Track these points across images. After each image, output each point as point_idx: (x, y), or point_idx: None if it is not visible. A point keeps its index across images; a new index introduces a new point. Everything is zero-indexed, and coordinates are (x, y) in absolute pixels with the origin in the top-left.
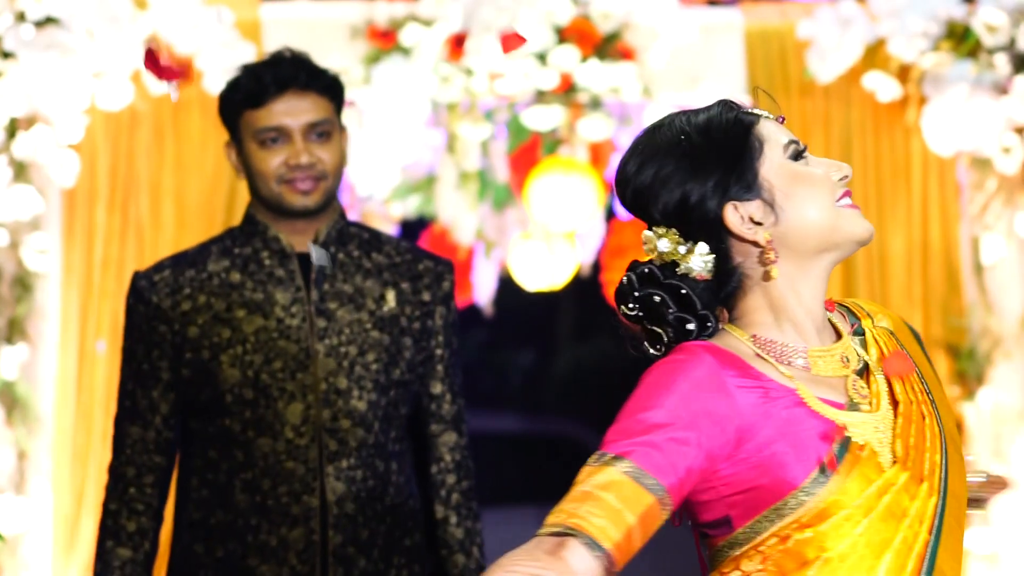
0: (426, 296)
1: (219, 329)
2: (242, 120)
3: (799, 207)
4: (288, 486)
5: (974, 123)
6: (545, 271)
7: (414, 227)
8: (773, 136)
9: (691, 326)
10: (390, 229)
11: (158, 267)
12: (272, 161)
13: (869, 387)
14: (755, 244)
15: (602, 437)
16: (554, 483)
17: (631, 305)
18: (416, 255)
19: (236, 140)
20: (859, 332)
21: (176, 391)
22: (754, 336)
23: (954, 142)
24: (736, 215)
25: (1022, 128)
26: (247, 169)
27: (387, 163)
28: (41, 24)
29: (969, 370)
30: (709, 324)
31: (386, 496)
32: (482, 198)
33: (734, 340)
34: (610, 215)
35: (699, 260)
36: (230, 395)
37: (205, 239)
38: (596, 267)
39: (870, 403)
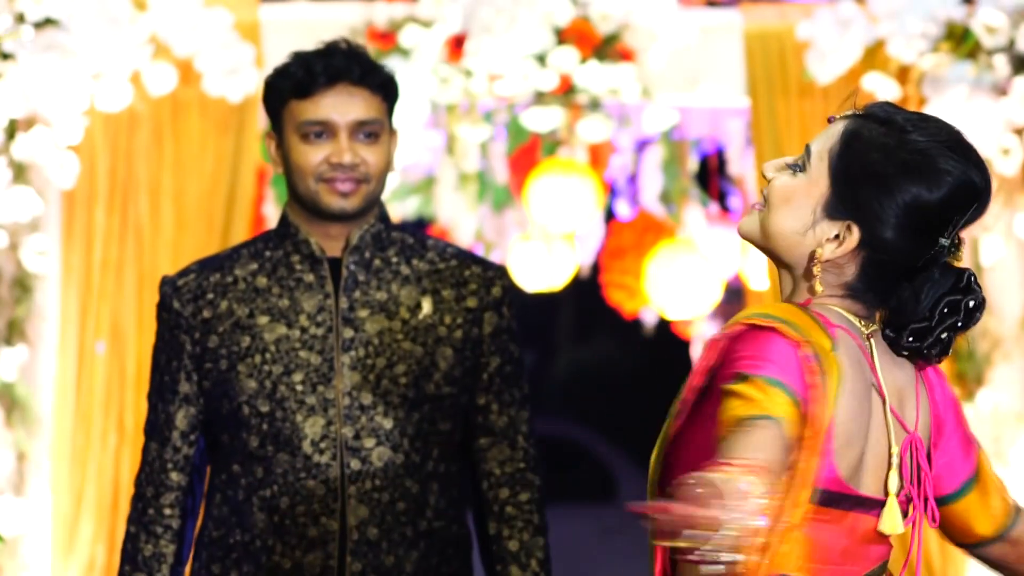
0: (472, 303)
1: (239, 337)
2: (286, 110)
3: None
4: (307, 506)
5: (973, 124)
6: (544, 272)
7: (413, 228)
8: None
9: None
10: None
11: (184, 272)
12: (313, 157)
13: None
14: None
15: (606, 439)
16: (554, 484)
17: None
18: (463, 260)
19: (277, 131)
20: None
21: (197, 405)
22: None
23: None
24: None
25: (1021, 129)
26: (285, 164)
27: None
28: (40, 25)
29: (968, 371)
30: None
31: (420, 521)
32: (481, 199)
33: None
34: (609, 216)
35: None
36: (247, 407)
37: (205, 241)
38: (595, 268)
39: None
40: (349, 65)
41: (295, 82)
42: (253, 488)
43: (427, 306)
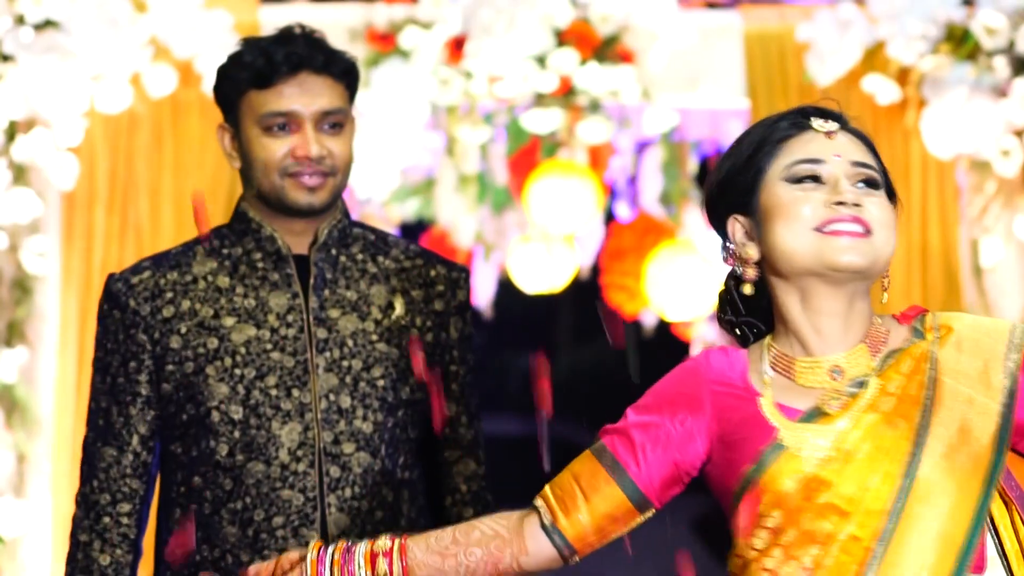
0: (438, 305)
1: (205, 339)
2: (244, 101)
3: (775, 232)
4: (284, 517)
5: (973, 126)
6: (544, 273)
7: (413, 230)
8: (790, 154)
9: (738, 331)
10: (389, 232)
11: (136, 268)
12: (277, 150)
13: (855, 399)
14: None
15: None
16: None
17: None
18: (428, 260)
19: (233, 122)
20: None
21: (156, 408)
22: (770, 344)
23: (953, 145)
24: (739, 228)
25: (1021, 131)
26: (244, 157)
27: (386, 166)
28: (40, 27)
29: None
30: (745, 331)
31: (396, 531)
32: (481, 201)
33: (760, 347)
34: (609, 218)
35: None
36: (217, 413)
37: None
38: (595, 270)
39: (836, 415)
40: (311, 53)
41: (254, 71)
42: (221, 501)
43: (399, 307)
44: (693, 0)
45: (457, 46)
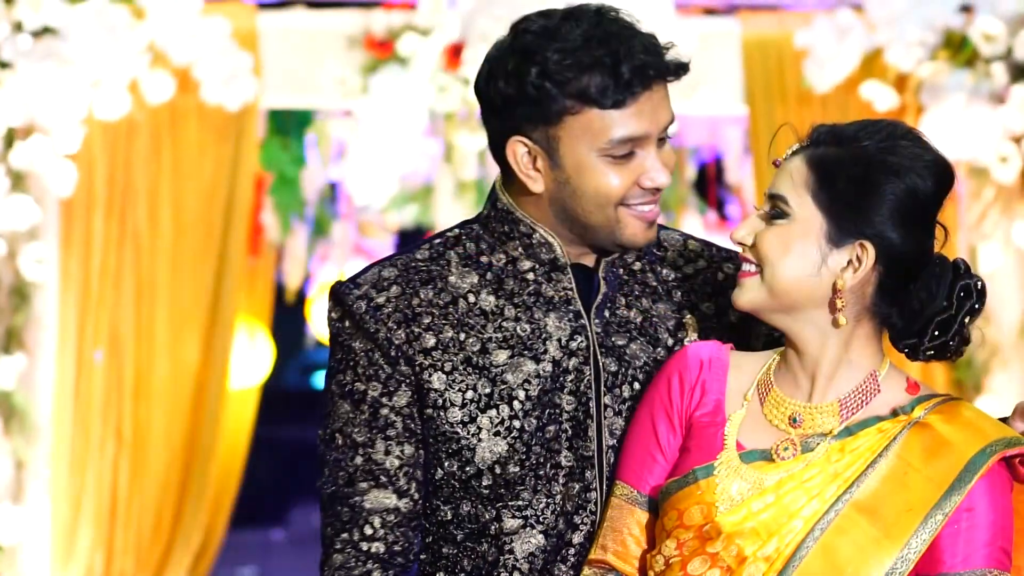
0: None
1: (475, 381)
2: (578, 118)
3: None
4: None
5: (971, 132)
6: None
7: (411, 237)
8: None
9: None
10: (387, 239)
11: (377, 284)
12: (622, 179)
13: (799, 457)
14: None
15: None
16: None
17: None
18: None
19: (544, 137)
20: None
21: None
22: (776, 358)
23: (951, 151)
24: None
25: (1019, 137)
26: (560, 182)
27: (385, 173)
28: (38, 34)
29: (967, 379)
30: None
31: None
32: (480, 207)
33: (760, 357)
34: None
35: None
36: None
37: (203, 248)
38: None
39: (774, 465)
40: (660, 61)
41: (600, 89)
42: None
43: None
44: (691, 7)
45: (455, 53)
